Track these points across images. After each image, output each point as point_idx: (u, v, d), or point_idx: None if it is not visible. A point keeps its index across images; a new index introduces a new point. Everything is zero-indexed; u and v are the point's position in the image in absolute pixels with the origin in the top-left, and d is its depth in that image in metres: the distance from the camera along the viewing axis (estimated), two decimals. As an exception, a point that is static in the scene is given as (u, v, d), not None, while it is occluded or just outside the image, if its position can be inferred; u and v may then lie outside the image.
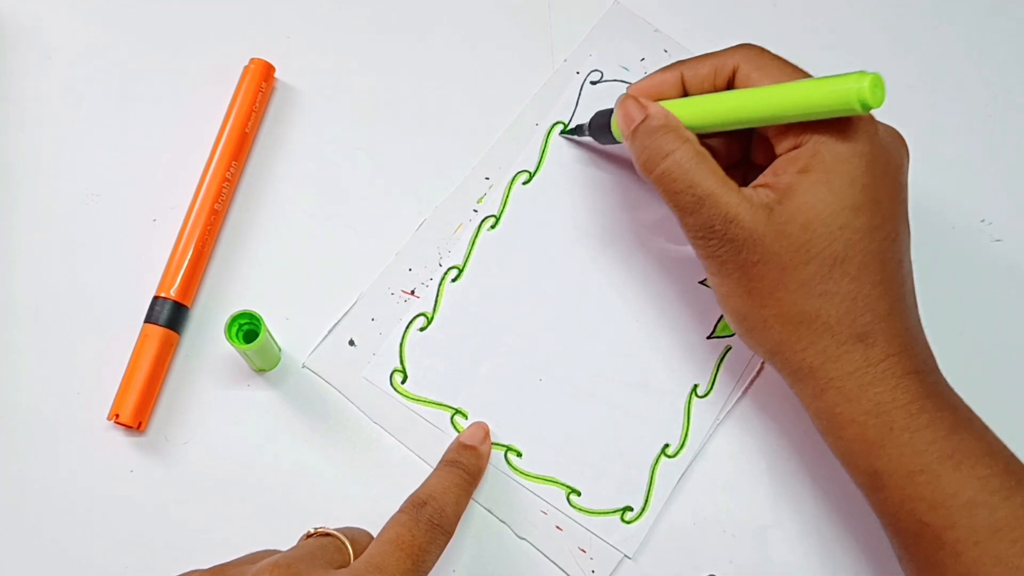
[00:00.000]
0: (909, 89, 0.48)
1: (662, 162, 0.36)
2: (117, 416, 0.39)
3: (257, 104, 0.44)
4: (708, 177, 0.36)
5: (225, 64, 0.45)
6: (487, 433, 0.41)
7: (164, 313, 0.41)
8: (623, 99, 0.38)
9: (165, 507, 0.40)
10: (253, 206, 0.44)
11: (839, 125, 0.35)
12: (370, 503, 0.40)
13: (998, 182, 0.46)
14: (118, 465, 0.40)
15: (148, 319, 0.41)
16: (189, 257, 0.41)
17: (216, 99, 0.44)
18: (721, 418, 0.42)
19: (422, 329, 0.43)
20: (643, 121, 0.37)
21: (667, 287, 0.44)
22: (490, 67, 0.46)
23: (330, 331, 0.42)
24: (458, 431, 0.41)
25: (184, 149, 0.44)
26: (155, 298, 0.41)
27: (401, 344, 0.42)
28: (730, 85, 0.37)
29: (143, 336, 0.40)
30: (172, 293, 0.41)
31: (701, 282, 0.44)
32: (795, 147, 0.35)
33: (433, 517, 0.35)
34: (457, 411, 0.42)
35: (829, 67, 0.47)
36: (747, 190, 0.36)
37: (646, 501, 0.41)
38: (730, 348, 0.43)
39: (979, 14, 0.49)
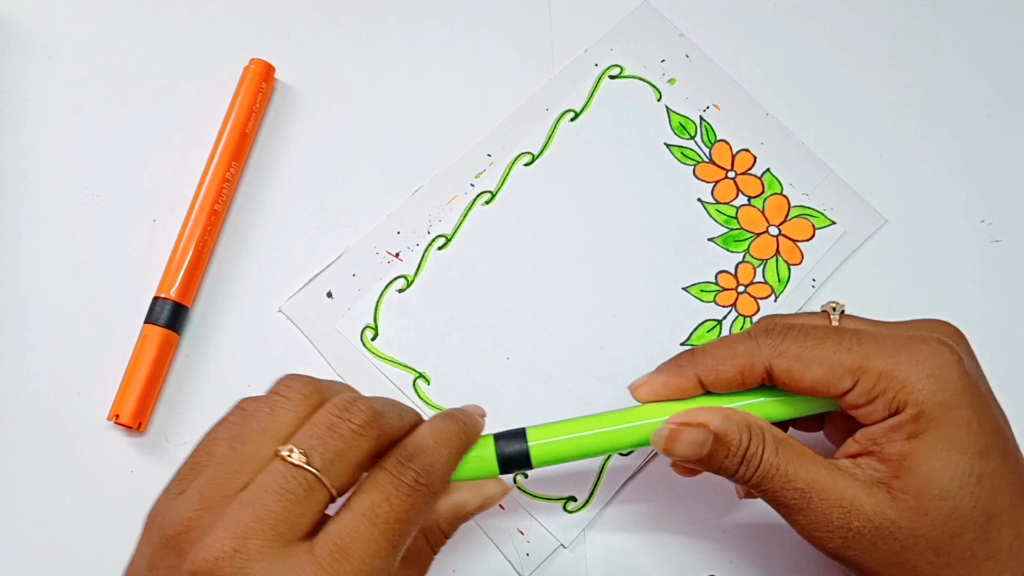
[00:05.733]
0: (909, 89, 0.48)
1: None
2: (117, 416, 0.39)
3: (257, 104, 0.44)
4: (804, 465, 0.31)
5: (225, 64, 0.45)
6: (483, 415, 0.36)
7: (164, 313, 0.41)
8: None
9: (165, 507, 0.40)
10: (253, 206, 0.44)
11: (925, 369, 0.31)
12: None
13: (998, 182, 0.46)
14: (118, 465, 0.40)
15: (148, 319, 0.41)
16: (189, 257, 0.41)
17: (216, 99, 0.44)
18: None
19: (401, 291, 0.43)
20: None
21: (650, 288, 0.44)
22: (491, 68, 0.47)
23: (310, 280, 0.43)
24: (420, 396, 0.41)
25: (184, 149, 0.44)
26: (155, 298, 0.41)
27: (377, 302, 0.43)
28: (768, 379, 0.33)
29: (143, 336, 0.40)
30: (172, 293, 0.41)
31: (684, 289, 0.44)
32: (891, 414, 0.31)
33: (420, 476, 0.29)
34: (421, 375, 0.42)
35: (828, 68, 0.48)
36: (846, 465, 0.32)
37: (591, 494, 0.41)
38: None
39: (979, 14, 0.49)
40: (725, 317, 0.43)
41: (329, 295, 0.43)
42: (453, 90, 0.46)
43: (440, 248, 0.44)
